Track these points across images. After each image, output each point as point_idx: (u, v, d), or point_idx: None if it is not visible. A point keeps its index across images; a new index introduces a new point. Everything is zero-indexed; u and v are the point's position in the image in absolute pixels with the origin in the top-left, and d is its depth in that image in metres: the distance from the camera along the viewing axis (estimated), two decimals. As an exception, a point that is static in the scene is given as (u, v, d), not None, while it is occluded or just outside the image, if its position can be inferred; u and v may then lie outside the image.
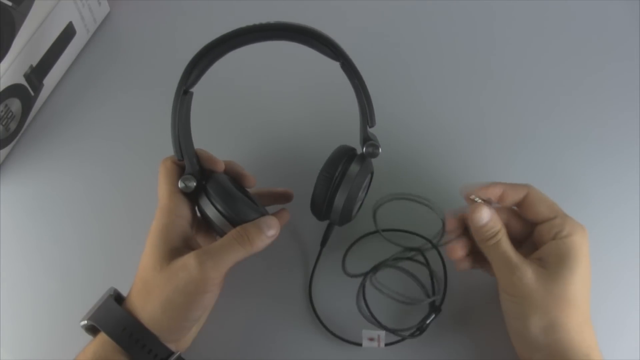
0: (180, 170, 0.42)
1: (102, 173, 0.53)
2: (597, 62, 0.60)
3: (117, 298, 0.41)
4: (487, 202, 0.43)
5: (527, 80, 0.59)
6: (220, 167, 0.44)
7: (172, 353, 0.38)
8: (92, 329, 0.39)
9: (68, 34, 0.56)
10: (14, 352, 0.45)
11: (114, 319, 0.38)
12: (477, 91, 0.58)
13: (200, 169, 0.43)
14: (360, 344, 0.44)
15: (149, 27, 0.62)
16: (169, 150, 0.45)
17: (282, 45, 0.41)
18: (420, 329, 0.45)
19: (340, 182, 0.43)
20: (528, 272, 0.40)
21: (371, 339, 0.44)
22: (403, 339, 0.45)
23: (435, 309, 0.45)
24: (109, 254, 0.49)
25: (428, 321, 0.44)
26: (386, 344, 0.44)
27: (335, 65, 0.42)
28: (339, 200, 0.43)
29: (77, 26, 0.57)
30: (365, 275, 0.45)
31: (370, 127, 0.44)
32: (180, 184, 0.41)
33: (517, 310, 0.41)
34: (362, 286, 0.45)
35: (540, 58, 0.60)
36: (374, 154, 0.44)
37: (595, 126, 0.56)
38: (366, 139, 0.44)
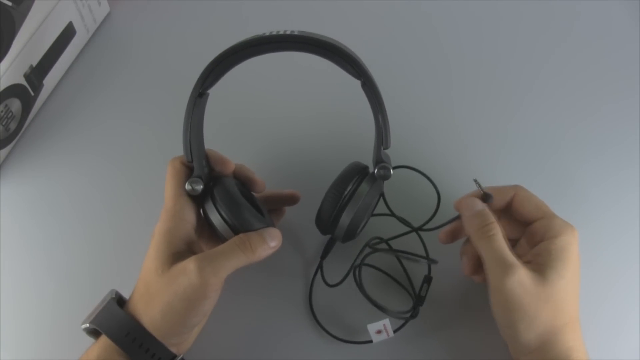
0: (188, 171, 0.42)
1: (102, 173, 0.53)
2: (596, 61, 0.60)
3: (119, 301, 0.40)
4: (487, 196, 0.43)
5: (525, 79, 0.59)
6: (230, 168, 0.44)
7: (174, 356, 0.38)
8: (94, 332, 0.39)
9: (68, 34, 0.56)
10: (14, 352, 0.45)
11: (117, 323, 0.38)
12: (472, 89, 0.58)
13: (209, 172, 0.43)
14: (370, 341, 0.44)
15: (149, 27, 0.62)
16: (170, 150, 0.45)
17: (304, 56, 0.41)
18: (419, 299, 0.45)
19: (348, 201, 0.43)
20: (520, 273, 0.39)
21: (379, 332, 0.44)
22: (407, 320, 0.45)
23: (427, 278, 0.45)
24: (110, 255, 0.49)
25: (423, 293, 0.45)
26: (394, 331, 0.44)
27: (356, 81, 0.41)
28: (345, 218, 0.43)
29: (77, 26, 0.57)
30: (361, 252, 0.45)
31: (384, 148, 0.43)
32: (187, 186, 0.41)
33: (507, 317, 0.40)
34: (359, 265, 0.45)
35: (538, 57, 0.60)
36: (386, 177, 0.43)
37: (593, 125, 0.56)
38: (379, 160, 0.43)
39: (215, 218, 0.41)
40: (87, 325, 0.39)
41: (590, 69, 0.60)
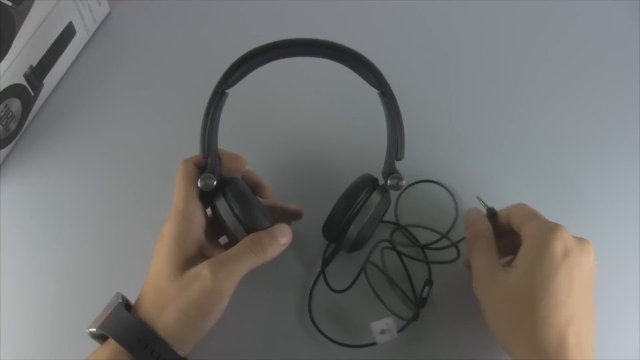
0: (200, 174, 0.42)
1: (102, 172, 0.53)
2: (597, 61, 0.60)
3: (126, 305, 0.40)
4: (491, 210, 0.46)
5: (524, 79, 0.59)
6: (243, 164, 0.44)
7: None
8: (99, 336, 0.39)
9: (68, 34, 0.56)
10: (14, 352, 0.45)
11: (128, 329, 0.38)
12: (470, 89, 0.58)
13: (220, 171, 0.43)
14: (374, 344, 0.44)
15: (149, 27, 0.62)
16: (170, 149, 0.45)
17: (318, 65, 0.41)
18: (420, 301, 0.45)
19: (359, 211, 0.43)
20: (490, 271, 0.40)
21: (383, 332, 0.43)
22: (408, 322, 0.45)
23: (428, 282, 0.46)
24: (110, 254, 0.49)
25: (425, 294, 0.45)
26: (398, 331, 0.44)
27: (372, 92, 0.42)
28: (354, 228, 0.43)
29: (77, 26, 0.57)
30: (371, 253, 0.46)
31: (398, 159, 0.43)
32: (200, 182, 0.41)
33: (487, 320, 0.41)
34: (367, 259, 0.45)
35: (539, 57, 0.60)
36: (398, 187, 0.43)
37: (593, 125, 0.56)
38: (392, 171, 0.43)
39: (227, 215, 0.41)
40: (94, 330, 0.38)
41: (590, 68, 0.60)
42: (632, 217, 0.51)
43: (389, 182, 0.43)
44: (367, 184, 0.44)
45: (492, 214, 0.46)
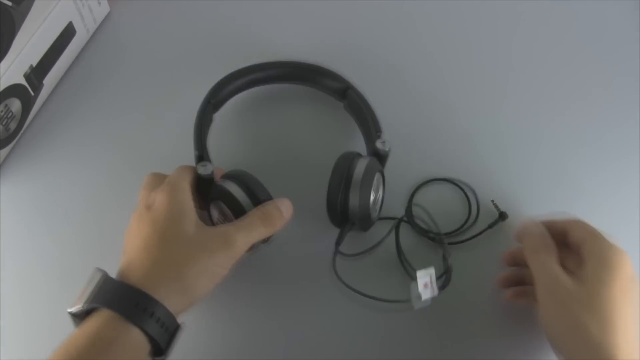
0: (195, 175, 0.44)
1: (101, 173, 0.53)
2: (597, 62, 0.60)
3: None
4: (503, 215, 0.48)
5: (527, 79, 0.59)
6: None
7: (178, 325, 0.38)
8: (81, 315, 0.38)
9: (68, 34, 0.56)
10: (14, 352, 0.45)
11: (123, 296, 0.37)
12: (474, 92, 0.58)
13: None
14: (408, 300, 0.42)
15: (149, 27, 0.62)
16: (168, 149, 0.45)
17: None
18: (447, 271, 0.45)
19: (349, 181, 0.44)
20: (562, 277, 0.40)
21: (425, 286, 0.42)
22: (444, 284, 0.44)
23: (447, 253, 0.46)
24: (108, 254, 0.49)
25: (449, 261, 0.45)
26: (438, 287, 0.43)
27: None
28: (354, 198, 0.44)
29: (77, 26, 0.57)
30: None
31: (378, 133, 0.47)
32: (199, 169, 0.43)
33: (555, 328, 0.40)
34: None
35: (539, 58, 0.61)
36: (385, 148, 0.45)
37: (595, 125, 0.56)
38: (377, 137, 0.46)
39: (235, 190, 0.43)
40: (81, 307, 0.37)
41: (594, 70, 0.60)
42: (631, 212, 0.52)
43: (377, 145, 0.46)
44: (349, 156, 0.45)
45: (504, 219, 0.49)
